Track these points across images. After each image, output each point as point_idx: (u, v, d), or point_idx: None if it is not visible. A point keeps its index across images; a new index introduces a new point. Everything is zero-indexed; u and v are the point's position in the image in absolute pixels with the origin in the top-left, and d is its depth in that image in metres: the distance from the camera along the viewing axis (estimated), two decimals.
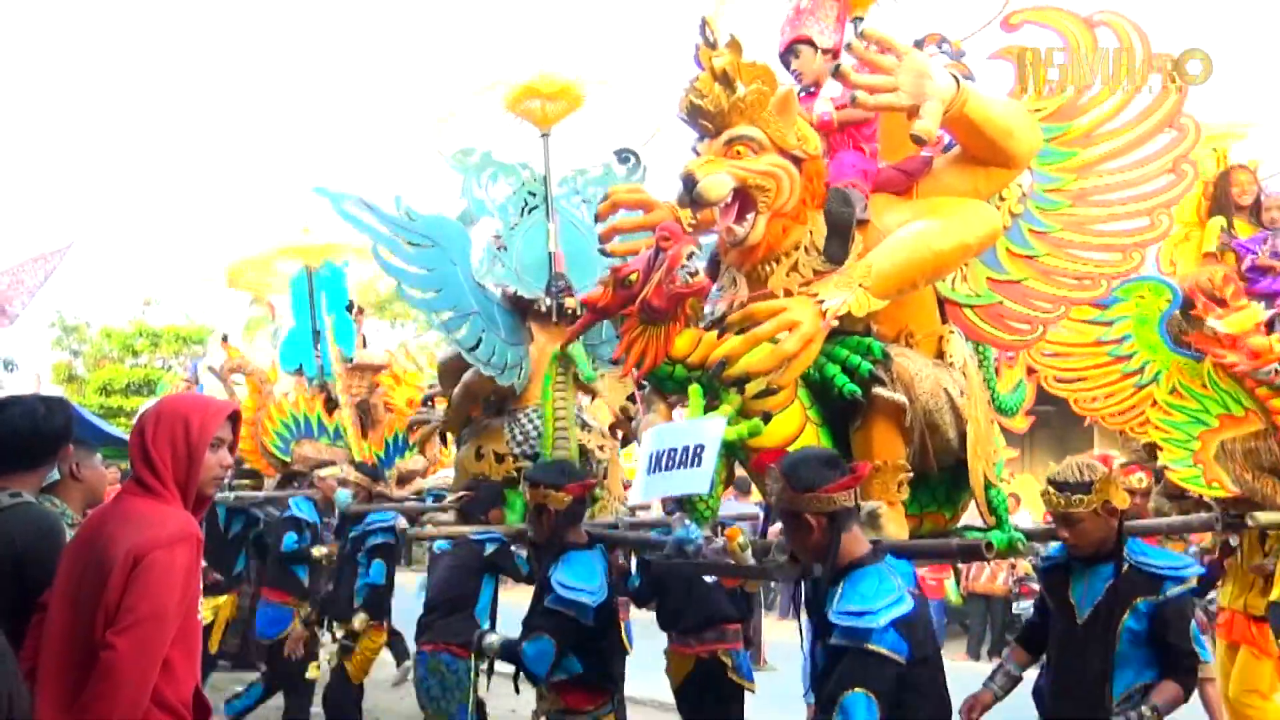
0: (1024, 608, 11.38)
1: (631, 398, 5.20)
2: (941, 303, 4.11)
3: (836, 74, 3.68)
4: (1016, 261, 4.03)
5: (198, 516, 3.05)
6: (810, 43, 4.24)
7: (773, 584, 10.28)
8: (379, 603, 7.12)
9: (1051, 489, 3.84)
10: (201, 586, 3.06)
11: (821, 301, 3.59)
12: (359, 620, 6.88)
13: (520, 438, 5.84)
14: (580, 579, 4.31)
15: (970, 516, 4.17)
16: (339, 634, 7.13)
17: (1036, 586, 4.77)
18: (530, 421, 5.81)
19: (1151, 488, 5.63)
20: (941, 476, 4.03)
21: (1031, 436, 14.25)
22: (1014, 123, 3.84)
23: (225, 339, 11.52)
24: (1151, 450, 5.27)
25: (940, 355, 4.01)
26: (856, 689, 2.85)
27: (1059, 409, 5.43)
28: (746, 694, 5.65)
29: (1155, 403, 4.88)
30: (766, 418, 3.71)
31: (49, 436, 3.39)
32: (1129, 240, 3.97)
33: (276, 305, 11.07)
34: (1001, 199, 4.05)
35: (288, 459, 8.81)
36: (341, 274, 9.72)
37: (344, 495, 7.47)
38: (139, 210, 47.91)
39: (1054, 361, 5.06)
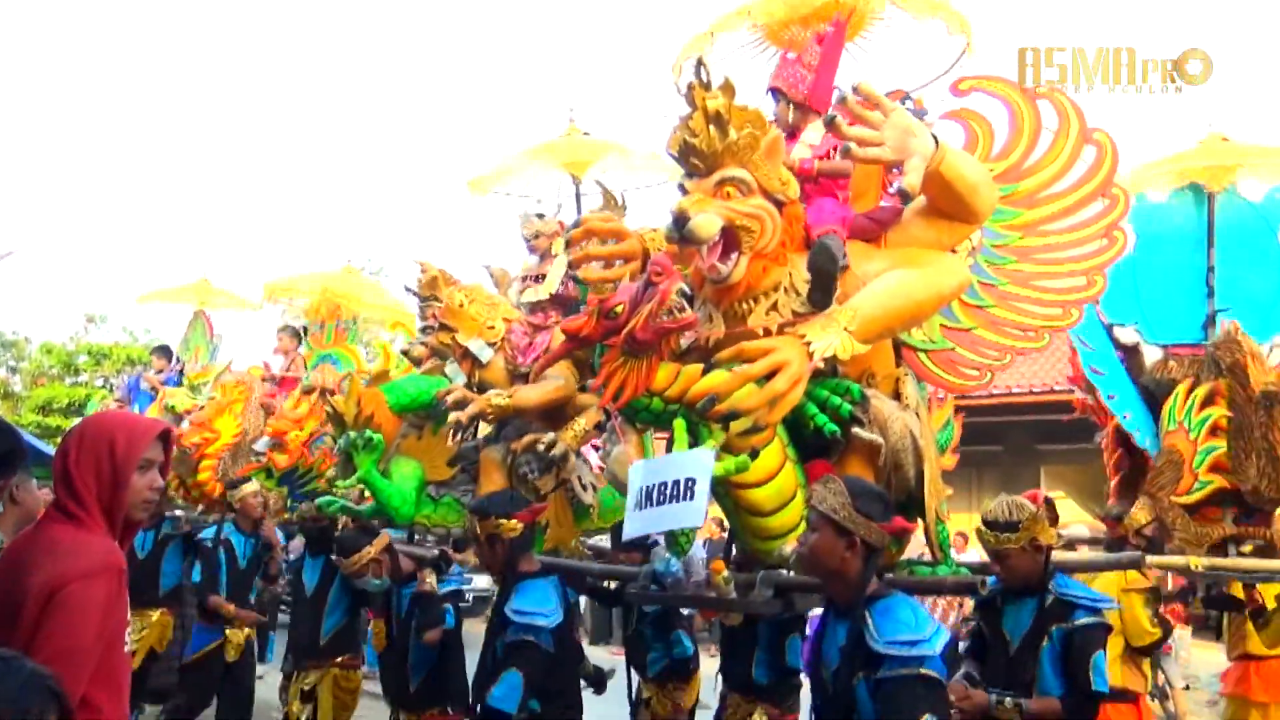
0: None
1: (600, 426, 5.30)
2: (897, 347, 4.44)
3: (830, 126, 3.94)
4: (968, 311, 4.42)
5: (125, 543, 2.94)
6: (783, 93, 4.51)
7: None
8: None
9: (984, 527, 4.27)
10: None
11: (809, 343, 3.83)
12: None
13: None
14: (534, 604, 4.38)
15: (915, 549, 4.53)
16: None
17: None
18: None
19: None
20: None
21: (979, 477, 15.25)
22: (979, 181, 4.20)
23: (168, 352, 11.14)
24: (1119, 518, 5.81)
25: (897, 396, 4.33)
26: (927, 716, 3.08)
27: (1006, 449, 5.90)
28: None
29: None
30: (753, 454, 3.91)
31: None
32: (1068, 298, 4.41)
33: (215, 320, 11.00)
34: (955, 251, 4.42)
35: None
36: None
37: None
38: (85, 222, 44.57)
39: None
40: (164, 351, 11.73)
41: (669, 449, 3.99)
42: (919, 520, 4.22)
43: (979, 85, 4.53)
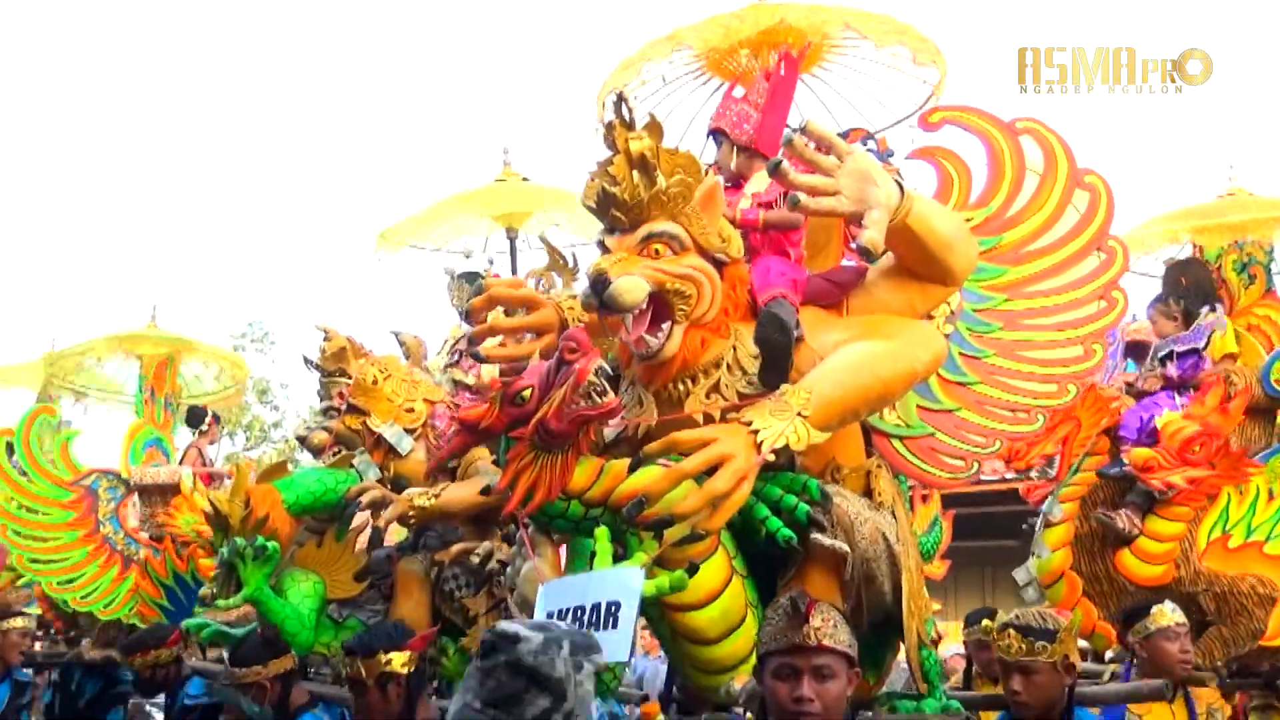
0: None
1: (508, 538, 4.64)
2: (868, 433, 3.87)
3: (774, 173, 3.40)
4: (949, 389, 3.87)
5: None
6: (726, 135, 3.97)
7: None
8: None
9: (1013, 632, 3.62)
10: None
11: (756, 432, 3.26)
12: None
13: None
14: None
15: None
16: None
17: None
18: None
19: None
20: (866, 636, 3.73)
21: (955, 581, 13.44)
22: (955, 236, 3.68)
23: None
24: None
25: (869, 493, 3.74)
26: None
27: (1024, 543, 5.35)
28: None
29: None
30: (692, 569, 3.31)
31: None
32: (1063, 370, 3.89)
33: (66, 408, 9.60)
34: (929, 318, 3.88)
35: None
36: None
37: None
38: None
39: None
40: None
41: (590, 565, 3.39)
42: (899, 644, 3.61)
43: (952, 118, 4.05)
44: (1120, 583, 5.20)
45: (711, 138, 4.03)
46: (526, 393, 3.42)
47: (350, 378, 5.30)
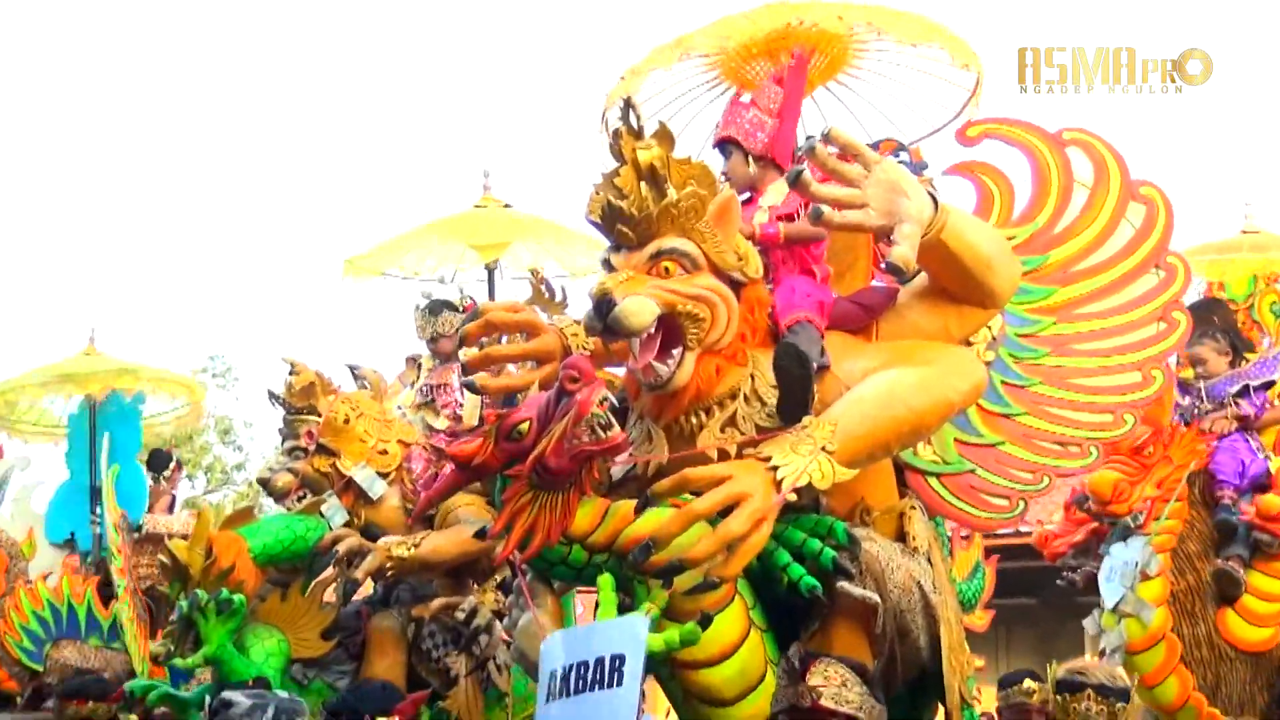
0: None
1: (503, 586, 4.38)
2: (900, 470, 3.58)
3: (795, 184, 3.13)
4: (990, 421, 3.58)
5: None
6: (737, 144, 3.71)
7: None
8: None
9: (1092, 694, 3.32)
10: None
11: (775, 469, 3.01)
12: None
13: None
14: None
15: None
16: None
17: None
18: None
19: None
20: (900, 694, 3.44)
21: (1008, 636, 12.56)
22: (995, 253, 3.42)
23: None
24: None
25: (902, 537, 3.46)
26: None
27: (1043, 601, 4.99)
28: None
29: None
30: (705, 620, 3.02)
31: None
32: (1118, 399, 3.60)
33: (5, 448, 9.07)
34: (969, 344, 3.61)
35: (39, 667, 6.70)
36: (134, 411, 8.14)
37: None
38: None
39: None
40: None
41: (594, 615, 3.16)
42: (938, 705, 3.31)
43: (992, 131, 3.78)
44: (1222, 648, 4.79)
45: (719, 148, 3.77)
46: (524, 426, 3.17)
47: (319, 415, 5.01)
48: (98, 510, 7.54)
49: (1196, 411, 5.44)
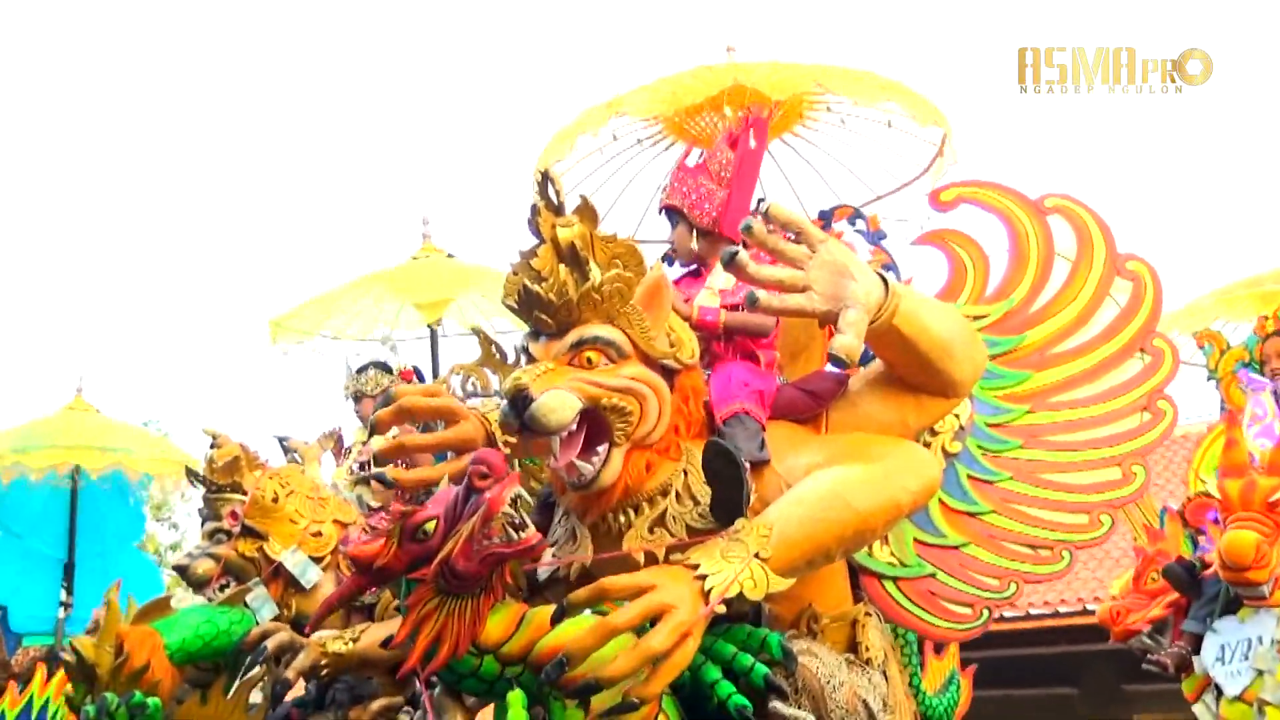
0: None
1: (413, 701, 4.13)
2: (855, 572, 3.33)
3: (729, 264, 2.90)
4: (954, 519, 3.34)
5: None
6: (682, 214, 3.50)
7: None
8: None
9: None
10: None
11: (703, 577, 2.77)
12: None
13: None
14: None
15: None
16: None
17: None
18: None
19: None
20: None
21: None
22: (955, 338, 3.18)
23: None
24: None
25: (854, 648, 3.22)
26: None
27: (1084, 692, 4.66)
28: None
29: None
30: None
31: None
32: (1095, 498, 3.35)
33: None
34: (934, 433, 3.38)
35: None
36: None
37: None
38: None
39: None
40: None
41: None
42: None
43: (968, 195, 3.58)
44: None
45: (666, 216, 3.56)
46: (430, 526, 2.96)
47: (244, 494, 4.72)
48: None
49: None
